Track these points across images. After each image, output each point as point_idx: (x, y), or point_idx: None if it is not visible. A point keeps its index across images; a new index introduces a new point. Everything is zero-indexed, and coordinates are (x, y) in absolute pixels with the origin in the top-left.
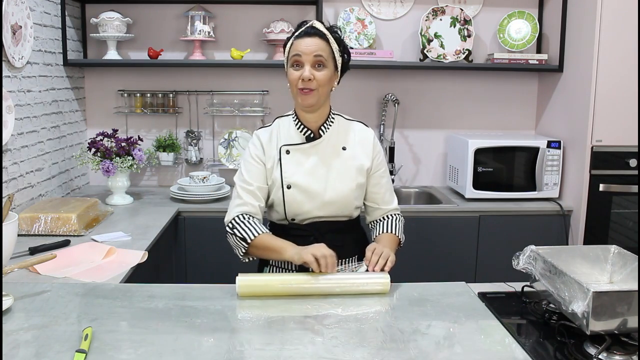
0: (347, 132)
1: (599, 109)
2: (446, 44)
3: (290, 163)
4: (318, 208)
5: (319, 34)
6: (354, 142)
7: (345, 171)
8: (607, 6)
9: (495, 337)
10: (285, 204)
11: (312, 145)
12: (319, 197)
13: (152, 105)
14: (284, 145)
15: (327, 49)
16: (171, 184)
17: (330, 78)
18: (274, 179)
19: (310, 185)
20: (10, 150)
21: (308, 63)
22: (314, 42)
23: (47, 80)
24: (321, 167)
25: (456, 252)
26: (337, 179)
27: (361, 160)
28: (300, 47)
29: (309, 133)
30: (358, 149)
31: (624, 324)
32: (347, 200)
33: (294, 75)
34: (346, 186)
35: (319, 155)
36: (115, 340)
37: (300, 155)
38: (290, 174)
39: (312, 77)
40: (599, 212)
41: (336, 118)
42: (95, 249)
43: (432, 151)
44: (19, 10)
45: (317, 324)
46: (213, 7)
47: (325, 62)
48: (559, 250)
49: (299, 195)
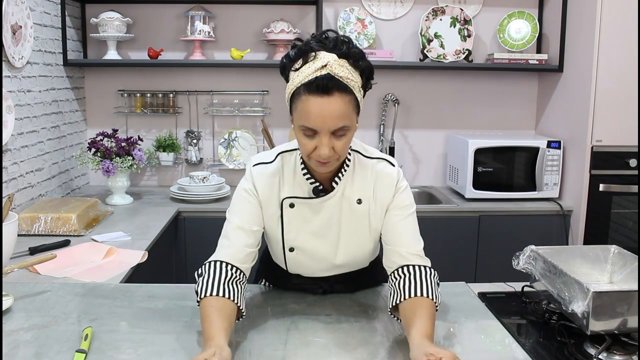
0: (364, 178)
1: (599, 109)
2: (446, 44)
3: (294, 220)
4: (327, 270)
5: (339, 87)
6: (373, 190)
7: (360, 231)
8: (607, 6)
9: (495, 337)
10: (287, 265)
11: (321, 200)
12: (327, 261)
13: (152, 105)
14: (287, 198)
15: (351, 106)
16: (171, 184)
17: (353, 135)
18: (274, 236)
19: (317, 249)
20: (10, 150)
21: (326, 136)
22: (333, 110)
23: (47, 80)
24: (332, 227)
25: (456, 252)
26: (350, 241)
27: (380, 215)
28: (315, 120)
29: (318, 185)
30: (376, 201)
31: (624, 324)
32: (362, 262)
33: (306, 146)
34: (361, 249)
35: (329, 211)
36: (115, 340)
37: (307, 211)
38: (294, 235)
39: (333, 151)
40: (599, 212)
41: (353, 157)
42: (95, 249)
43: (432, 151)
44: (19, 10)
45: (317, 324)
46: (213, 7)
47: (349, 128)
48: (559, 250)
49: (304, 258)
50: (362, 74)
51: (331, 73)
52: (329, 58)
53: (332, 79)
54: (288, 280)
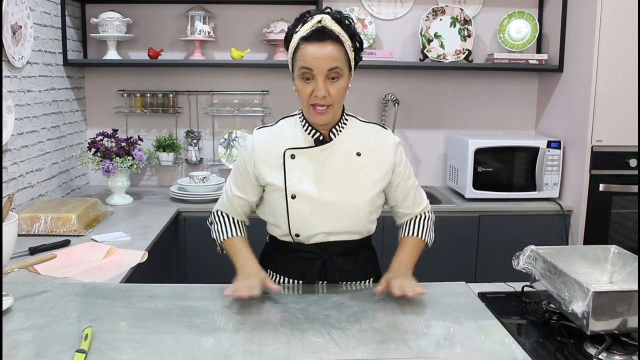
0: (362, 136)
1: (599, 109)
2: (446, 44)
3: (295, 169)
4: (326, 222)
5: (332, 36)
6: (371, 147)
7: (359, 180)
8: (607, 6)
9: (495, 337)
10: (289, 216)
11: (321, 149)
12: (327, 209)
13: (152, 105)
14: (288, 149)
15: (342, 55)
16: (171, 184)
17: (346, 86)
18: (276, 186)
19: (318, 196)
20: (10, 150)
21: (321, 76)
22: (327, 52)
23: (47, 80)
24: (331, 175)
25: (456, 252)
26: (349, 189)
27: (379, 168)
28: (311, 61)
29: (318, 135)
30: (376, 156)
31: (624, 324)
32: (360, 214)
33: (304, 90)
34: (360, 198)
35: (329, 161)
36: (115, 340)
37: (307, 161)
38: (296, 182)
39: (327, 94)
40: (599, 212)
41: (350, 120)
42: (95, 249)
43: (432, 151)
44: (19, 10)
45: (317, 324)
46: (213, 7)
47: (341, 72)
48: (559, 250)
49: (305, 206)
50: (353, 38)
51: (325, 26)
52: (323, 16)
53: (325, 30)
54: (290, 254)
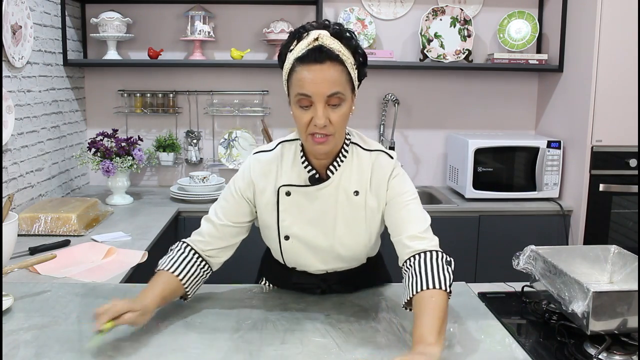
0: (362, 170)
1: (599, 109)
2: (446, 44)
3: (289, 209)
4: (323, 262)
5: (331, 56)
6: (371, 182)
7: (357, 222)
8: (607, 6)
9: (495, 337)
10: (284, 254)
11: (317, 188)
12: (323, 253)
13: (152, 105)
14: (283, 186)
15: (344, 77)
16: (171, 184)
17: (349, 111)
18: (269, 224)
19: (313, 239)
20: (10, 150)
21: (320, 103)
22: (326, 76)
23: (47, 80)
24: (327, 216)
25: (456, 252)
26: (346, 232)
27: (378, 204)
28: (308, 86)
29: (314, 173)
30: (374, 193)
31: (624, 324)
32: (359, 255)
33: (302, 118)
34: (358, 241)
35: (326, 200)
36: (115, 340)
37: (303, 200)
38: (289, 223)
39: (328, 122)
40: (599, 212)
41: (351, 150)
42: (95, 249)
43: (432, 151)
44: (19, 10)
45: (317, 324)
46: (213, 7)
47: (343, 97)
48: (559, 250)
49: (300, 248)
50: (355, 53)
51: (323, 45)
52: (320, 32)
53: (323, 49)
54: (288, 279)
